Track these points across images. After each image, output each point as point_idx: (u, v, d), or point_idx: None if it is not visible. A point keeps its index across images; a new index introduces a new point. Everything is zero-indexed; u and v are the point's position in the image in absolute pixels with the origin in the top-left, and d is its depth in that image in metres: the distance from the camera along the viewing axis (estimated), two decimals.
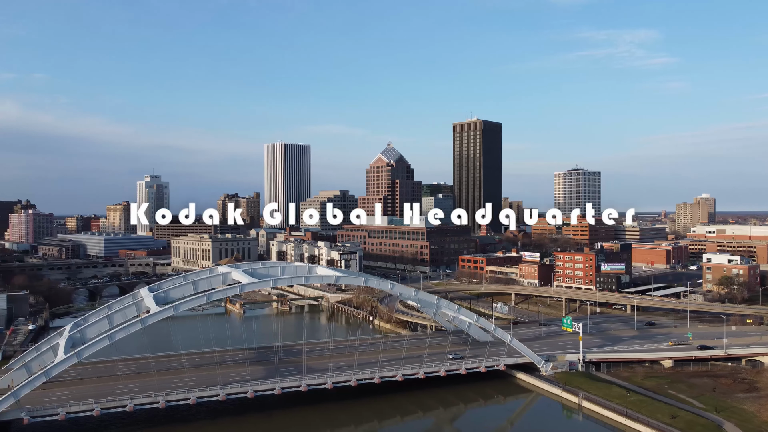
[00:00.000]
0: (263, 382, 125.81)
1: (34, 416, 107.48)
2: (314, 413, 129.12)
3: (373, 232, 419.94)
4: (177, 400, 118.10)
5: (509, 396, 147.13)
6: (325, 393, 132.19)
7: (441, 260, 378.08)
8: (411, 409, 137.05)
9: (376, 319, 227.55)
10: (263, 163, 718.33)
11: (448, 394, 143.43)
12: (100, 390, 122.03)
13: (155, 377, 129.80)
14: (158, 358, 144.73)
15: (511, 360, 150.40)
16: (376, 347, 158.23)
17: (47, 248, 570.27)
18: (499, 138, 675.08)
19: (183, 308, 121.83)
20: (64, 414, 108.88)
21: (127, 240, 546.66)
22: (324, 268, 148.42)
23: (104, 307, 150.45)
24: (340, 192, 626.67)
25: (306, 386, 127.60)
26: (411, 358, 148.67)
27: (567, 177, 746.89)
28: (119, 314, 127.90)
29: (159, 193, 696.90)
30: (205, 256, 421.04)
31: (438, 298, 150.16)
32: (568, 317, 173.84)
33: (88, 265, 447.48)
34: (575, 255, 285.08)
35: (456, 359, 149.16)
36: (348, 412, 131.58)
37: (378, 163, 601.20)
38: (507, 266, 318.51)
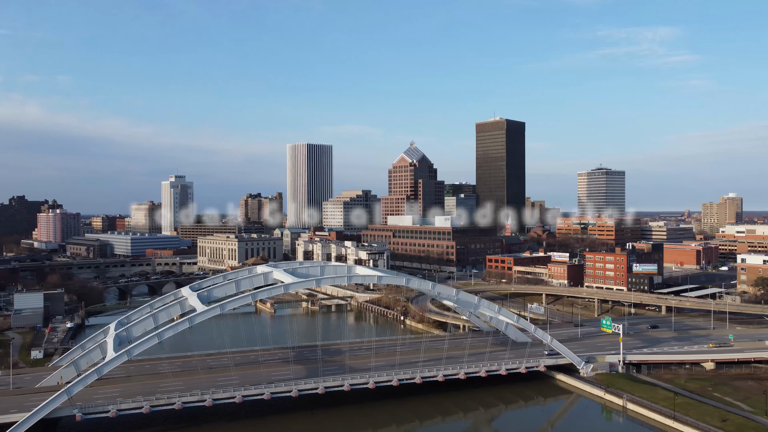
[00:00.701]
0: (306, 381, 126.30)
1: (86, 413, 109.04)
2: (356, 413, 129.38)
3: (398, 232, 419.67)
4: (223, 399, 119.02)
5: (549, 397, 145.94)
6: (367, 393, 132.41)
7: (467, 260, 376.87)
8: (451, 409, 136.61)
9: (408, 319, 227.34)
10: (285, 163, 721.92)
11: (487, 395, 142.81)
12: (147, 388, 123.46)
13: (199, 375, 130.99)
14: (200, 357, 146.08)
15: (551, 361, 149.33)
16: (414, 347, 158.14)
17: (75, 247, 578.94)
18: (523, 137, 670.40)
19: (229, 307, 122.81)
20: (115, 411, 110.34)
21: (153, 239, 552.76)
22: (363, 268, 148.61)
23: (146, 306, 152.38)
24: (362, 192, 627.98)
25: (349, 386, 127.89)
26: (449, 359, 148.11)
27: (591, 176, 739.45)
28: (163, 313, 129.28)
29: (183, 193, 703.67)
30: (231, 256, 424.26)
31: (478, 298, 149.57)
32: (607, 318, 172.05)
33: (116, 264, 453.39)
34: (606, 255, 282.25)
35: (551, 355, 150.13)
36: (388, 412, 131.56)
37: (401, 163, 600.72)
38: (535, 266, 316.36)
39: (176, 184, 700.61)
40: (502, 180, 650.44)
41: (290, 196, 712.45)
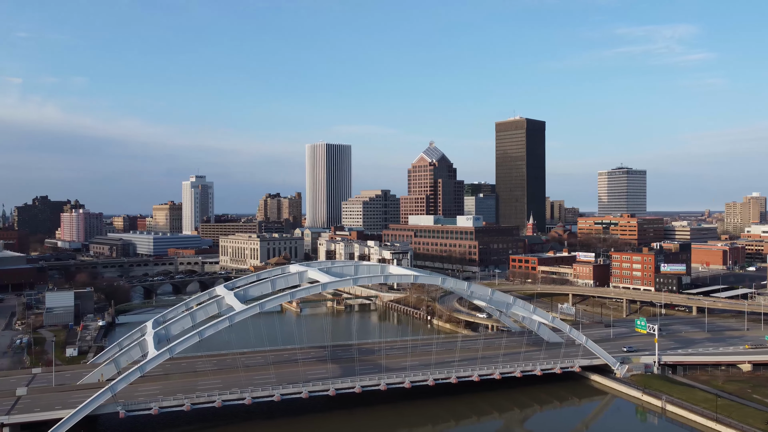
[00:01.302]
0: (343, 380, 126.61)
1: (129, 410, 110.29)
2: (392, 412, 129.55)
3: (419, 231, 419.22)
4: (262, 397, 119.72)
5: (584, 398, 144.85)
6: (402, 392, 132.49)
7: (489, 260, 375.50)
8: (486, 409, 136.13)
9: (435, 319, 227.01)
10: (301, 163, 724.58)
11: (522, 395, 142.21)
12: (186, 385, 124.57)
13: (235, 374, 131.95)
14: (235, 355, 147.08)
15: (586, 362, 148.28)
16: (446, 347, 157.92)
17: (98, 247, 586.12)
18: (543, 136, 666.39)
19: (268, 306, 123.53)
20: (157, 408, 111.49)
21: (175, 239, 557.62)
22: (397, 267, 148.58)
23: (181, 305, 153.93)
24: (381, 192, 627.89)
25: (385, 385, 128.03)
26: (483, 359, 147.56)
27: (611, 176, 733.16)
28: (201, 311, 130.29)
29: (204, 194, 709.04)
30: (253, 255, 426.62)
31: (513, 298, 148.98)
32: (641, 318, 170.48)
33: (140, 263, 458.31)
34: (633, 255, 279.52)
35: (630, 352, 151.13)
36: (424, 412, 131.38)
37: (420, 163, 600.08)
38: (559, 266, 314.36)
39: (197, 185, 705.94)
40: (522, 179, 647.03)
41: (309, 195, 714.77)
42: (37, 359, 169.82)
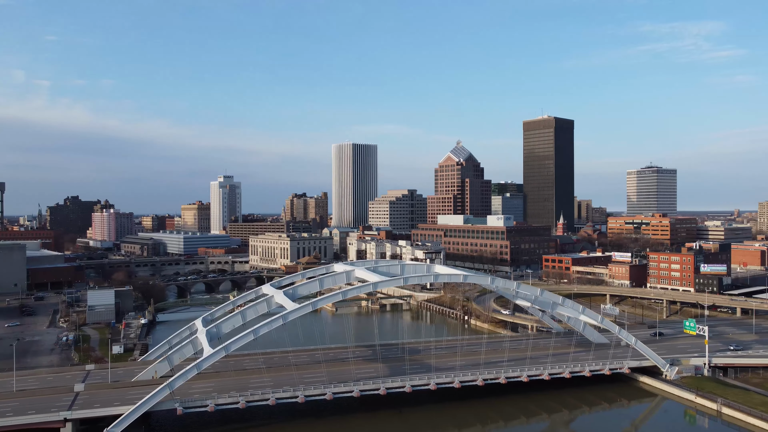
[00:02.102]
0: (393, 379, 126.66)
1: (186, 407, 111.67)
2: (441, 412, 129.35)
3: (449, 231, 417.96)
4: (315, 395, 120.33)
5: (633, 400, 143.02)
6: (451, 392, 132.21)
7: (520, 260, 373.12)
8: (534, 410, 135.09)
9: (472, 319, 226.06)
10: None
11: (570, 396, 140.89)
12: (237, 383, 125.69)
13: (284, 372, 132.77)
14: (282, 353, 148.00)
15: (634, 363, 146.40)
16: (491, 347, 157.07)
17: (130, 246, 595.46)
18: (571, 135, 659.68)
19: (320, 305, 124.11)
20: (213, 405, 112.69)
21: (204, 239, 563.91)
22: (443, 267, 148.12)
23: (228, 303, 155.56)
24: (408, 191, 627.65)
25: (435, 385, 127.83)
26: (529, 359, 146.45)
27: (640, 175, 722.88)
28: (251, 310, 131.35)
29: (231, 193, 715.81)
30: (283, 255, 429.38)
31: (563, 298, 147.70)
32: (691, 320, 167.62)
33: (171, 262, 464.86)
34: (671, 255, 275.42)
35: (737, 350, 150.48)
36: (473, 412, 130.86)
37: (447, 162, 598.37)
38: (594, 266, 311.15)
39: (224, 185, 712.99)
40: (550, 179, 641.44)
41: (335, 195, 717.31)
42: (85, 356, 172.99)
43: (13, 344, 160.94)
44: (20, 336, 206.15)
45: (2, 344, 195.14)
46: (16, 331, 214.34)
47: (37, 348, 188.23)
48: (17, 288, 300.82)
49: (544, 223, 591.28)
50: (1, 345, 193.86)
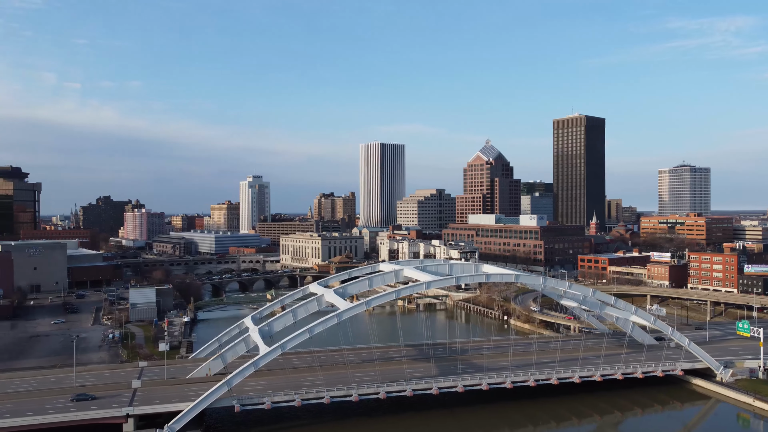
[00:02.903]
0: (445, 379, 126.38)
1: (243, 404, 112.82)
2: (492, 412, 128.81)
3: (481, 230, 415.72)
4: (368, 394, 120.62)
5: (686, 402, 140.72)
6: (503, 392, 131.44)
7: (554, 260, 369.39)
8: (585, 412, 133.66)
9: (512, 319, 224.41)
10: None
11: (620, 398, 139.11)
12: (290, 381, 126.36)
13: (335, 370, 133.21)
14: (329, 352, 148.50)
15: (687, 365, 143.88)
16: (540, 347, 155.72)
17: (161, 245, 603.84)
18: (603, 134, 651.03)
19: (374, 304, 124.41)
20: (270, 403, 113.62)
21: (235, 238, 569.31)
22: (491, 266, 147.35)
23: (276, 302, 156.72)
24: (436, 191, 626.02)
25: (487, 385, 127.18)
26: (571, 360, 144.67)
27: (673, 174, 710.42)
28: (301, 309, 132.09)
29: (261, 193, 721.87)
30: (314, 254, 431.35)
31: (614, 298, 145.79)
32: (744, 321, 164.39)
33: (204, 261, 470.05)
34: (713, 255, 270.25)
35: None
36: (523, 413, 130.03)
37: (476, 162, 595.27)
38: (631, 266, 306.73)
39: (254, 184, 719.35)
40: (581, 178, 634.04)
41: (363, 195, 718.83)
42: (133, 353, 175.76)
43: (73, 340, 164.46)
44: (67, 333, 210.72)
45: (51, 341, 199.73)
46: (63, 329, 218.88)
47: (85, 345, 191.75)
48: (59, 286, 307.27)
49: (574, 222, 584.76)
50: (51, 341, 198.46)
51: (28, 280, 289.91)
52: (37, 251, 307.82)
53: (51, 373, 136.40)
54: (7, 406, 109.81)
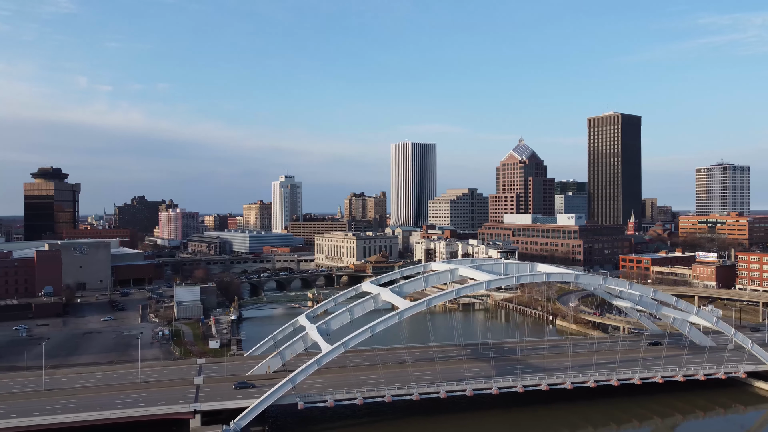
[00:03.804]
0: (505, 378, 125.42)
1: (307, 402, 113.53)
2: (551, 413, 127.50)
3: (517, 230, 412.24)
4: (428, 393, 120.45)
5: (749, 406, 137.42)
6: (562, 393, 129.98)
7: (593, 260, 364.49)
8: (645, 414, 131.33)
9: (558, 319, 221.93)
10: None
11: (679, 401, 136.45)
12: (348, 379, 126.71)
13: (389, 369, 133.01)
14: (382, 351, 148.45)
15: (750, 367, 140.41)
16: (596, 348, 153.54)
17: (196, 244, 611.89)
18: (639, 132, 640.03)
19: (435, 302, 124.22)
20: (332, 401, 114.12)
21: (269, 237, 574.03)
22: (546, 265, 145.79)
23: (329, 300, 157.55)
24: (468, 190, 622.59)
25: (547, 385, 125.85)
26: (628, 362, 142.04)
27: (711, 172, 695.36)
28: (358, 308, 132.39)
29: (293, 193, 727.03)
30: (349, 253, 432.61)
31: (676, 298, 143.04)
32: None
33: (239, 260, 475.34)
34: (762, 255, 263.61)
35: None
36: (582, 415, 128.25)
37: (509, 161, 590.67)
38: (675, 266, 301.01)
39: (286, 184, 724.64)
40: (616, 177, 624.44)
41: (394, 194, 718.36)
42: (185, 350, 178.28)
43: (154, 338, 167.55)
44: (117, 330, 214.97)
45: (104, 337, 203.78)
46: (113, 326, 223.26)
47: (137, 342, 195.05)
48: (103, 284, 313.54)
49: (610, 222, 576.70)
50: (103, 338, 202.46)
51: (74, 278, 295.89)
52: (83, 250, 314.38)
53: (113, 369, 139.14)
54: (78, 401, 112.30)
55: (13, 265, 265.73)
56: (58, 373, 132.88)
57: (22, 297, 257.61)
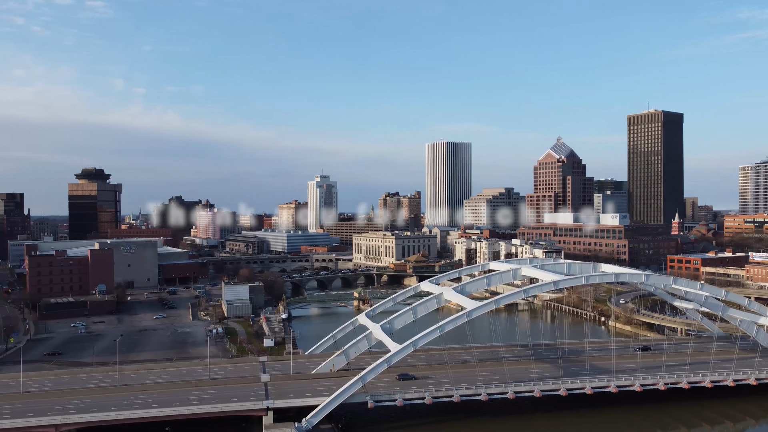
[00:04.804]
0: (573, 380, 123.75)
1: (377, 401, 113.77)
2: (619, 415, 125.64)
3: (559, 230, 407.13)
4: (496, 394, 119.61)
5: None
6: (633, 395, 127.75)
7: (639, 260, 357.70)
8: (715, 418, 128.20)
9: (610, 321, 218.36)
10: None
11: (752, 405, 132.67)
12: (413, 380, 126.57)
13: (453, 369, 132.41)
14: (441, 351, 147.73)
15: None
16: (650, 350, 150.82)
17: (234, 244, 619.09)
18: (680, 129, 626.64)
19: (503, 302, 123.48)
20: (402, 400, 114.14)
21: (306, 237, 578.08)
22: (611, 266, 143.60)
23: (389, 300, 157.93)
24: (505, 189, 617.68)
25: (616, 387, 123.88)
26: (701, 363, 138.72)
27: (755, 170, 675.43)
28: (421, 307, 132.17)
29: (328, 193, 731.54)
30: (388, 253, 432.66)
31: (748, 299, 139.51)
32: None
33: (278, 259, 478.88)
34: None
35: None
36: (651, 418, 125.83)
37: (547, 160, 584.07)
38: (728, 267, 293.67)
39: (321, 184, 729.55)
40: (657, 176, 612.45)
41: (429, 194, 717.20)
42: (241, 348, 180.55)
43: (209, 336, 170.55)
44: (171, 327, 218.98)
45: (160, 335, 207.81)
46: (166, 323, 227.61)
47: (193, 339, 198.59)
48: (150, 283, 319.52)
49: (651, 222, 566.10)
50: (159, 335, 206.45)
51: (123, 277, 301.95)
52: (131, 249, 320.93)
53: (180, 366, 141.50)
54: (152, 396, 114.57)
55: (69, 264, 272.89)
56: (127, 369, 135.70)
57: (76, 294, 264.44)
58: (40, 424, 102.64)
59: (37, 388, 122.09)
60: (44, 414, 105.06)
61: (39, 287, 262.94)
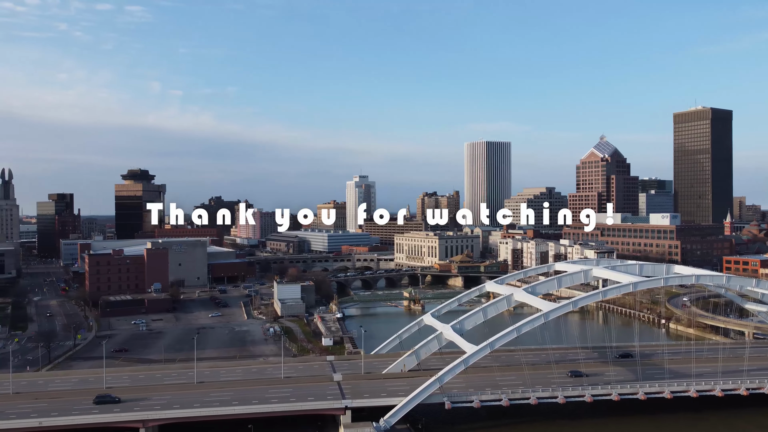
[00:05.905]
0: (651, 384, 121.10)
1: (454, 402, 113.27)
2: (699, 420, 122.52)
3: (606, 230, 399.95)
4: (573, 396, 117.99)
5: None
6: (714, 400, 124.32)
7: (690, 261, 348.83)
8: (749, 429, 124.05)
9: (671, 323, 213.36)
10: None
11: None
12: (484, 380, 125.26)
13: (525, 370, 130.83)
14: (526, 351, 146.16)
15: None
16: (729, 353, 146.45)
17: (275, 243, 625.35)
18: (730, 127, 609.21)
19: (581, 304, 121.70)
20: (479, 401, 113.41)
21: (347, 237, 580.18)
22: (685, 267, 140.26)
23: (453, 300, 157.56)
24: (546, 189, 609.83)
25: (696, 392, 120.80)
26: None
27: None
28: (491, 308, 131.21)
29: (367, 193, 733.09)
30: (431, 253, 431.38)
31: None
32: None
33: (320, 259, 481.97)
34: None
35: None
36: (730, 425, 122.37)
37: (590, 158, 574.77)
38: None
39: (360, 184, 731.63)
40: (705, 175, 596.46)
41: (468, 194, 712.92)
42: (300, 347, 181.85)
43: (267, 335, 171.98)
44: (228, 326, 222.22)
45: (218, 333, 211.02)
46: (222, 321, 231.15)
47: (251, 338, 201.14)
48: (200, 281, 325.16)
49: (699, 222, 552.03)
50: (218, 333, 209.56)
51: (175, 276, 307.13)
52: (182, 248, 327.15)
53: (250, 364, 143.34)
54: (231, 394, 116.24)
55: (126, 263, 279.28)
56: (200, 367, 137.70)
57: (133, 293, 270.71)
58: (127, 419, 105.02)
59: (117, 384, 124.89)
60: (130, 410, 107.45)
61: (98, 285, 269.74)
